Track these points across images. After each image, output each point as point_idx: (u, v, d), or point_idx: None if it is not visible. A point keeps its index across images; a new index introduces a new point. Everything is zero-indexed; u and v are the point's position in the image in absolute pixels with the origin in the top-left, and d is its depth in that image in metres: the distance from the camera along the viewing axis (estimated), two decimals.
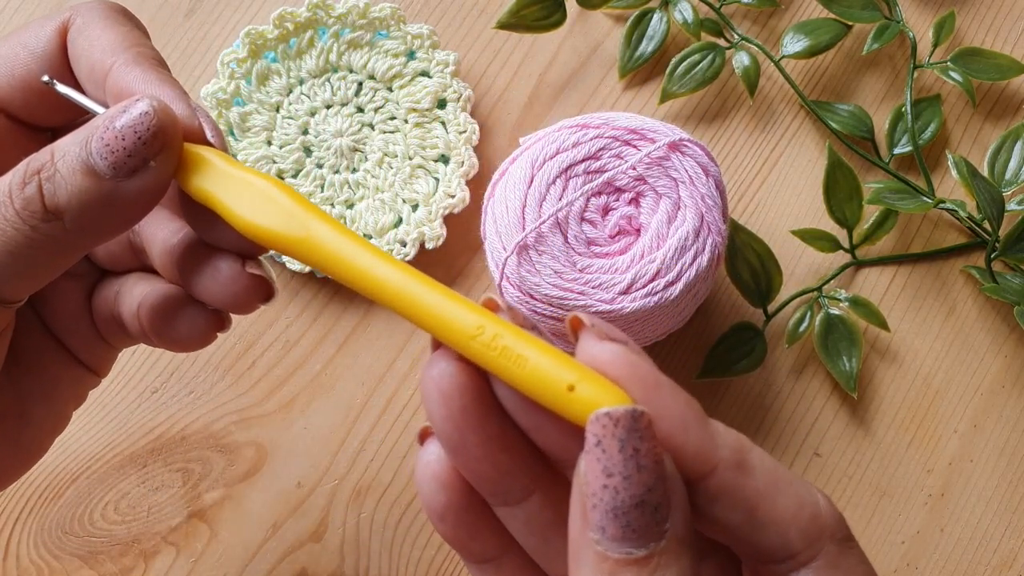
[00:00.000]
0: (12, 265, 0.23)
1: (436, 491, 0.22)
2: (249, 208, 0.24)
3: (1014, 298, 0.42)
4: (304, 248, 0.23)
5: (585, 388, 0.19)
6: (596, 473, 0.18)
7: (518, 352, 0.20)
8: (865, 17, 0.46)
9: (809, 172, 0.46)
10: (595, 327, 0.20)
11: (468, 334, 0.20)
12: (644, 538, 0.18)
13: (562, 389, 0.19)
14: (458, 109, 0.45)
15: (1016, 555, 0.43)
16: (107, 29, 0.26)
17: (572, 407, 0.19)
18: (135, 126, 0.23)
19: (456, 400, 0.21)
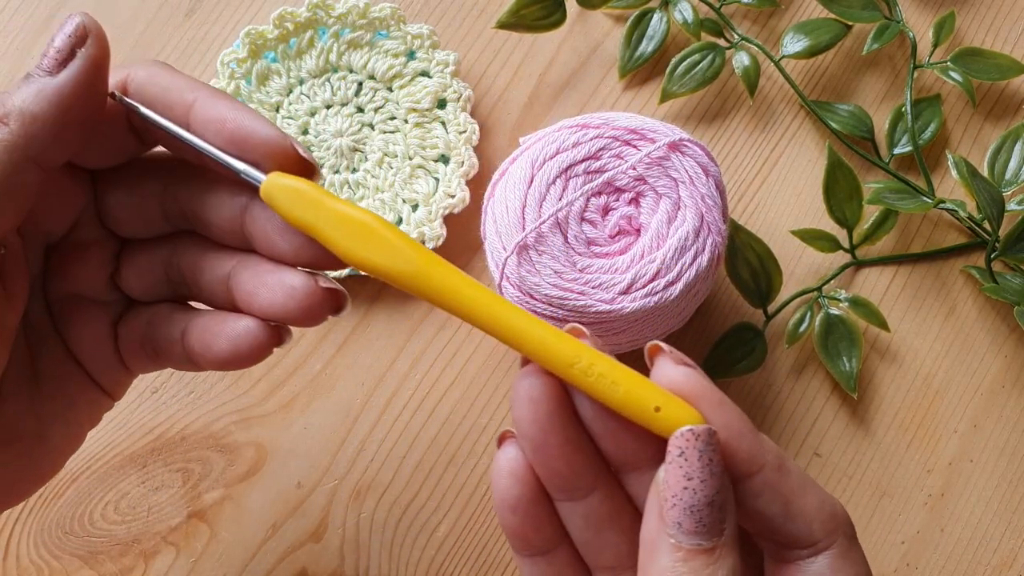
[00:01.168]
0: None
1: (512, 485, 0.26)
2: (353, 241, 0.27)
3: (1014, 298, 0.42)
4: (414, 281, 0.26)
5: (669, 409, 0.25)
6: (678, 478, 0.23)
7: (611, 379, 0.25)
8: (865, 17, 0.46)
9: (809, 172, 0.46)
10: (672, 353, 0.26)
11: (567, 362, 0.25)
12: (711, 532, 0.23)
13: (650, 409, 0.25)
14: (458, 109, 0.45)
15: (1016, 555, 0.43)
16: (176, 75, 0.28)
17: (657, 424, 0.25)
18: (71, 34, 0.27)
19: (542, 407, 0.25)
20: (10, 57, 0.46)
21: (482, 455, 0.43)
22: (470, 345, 0.44)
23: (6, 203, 0.26)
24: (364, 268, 0.27)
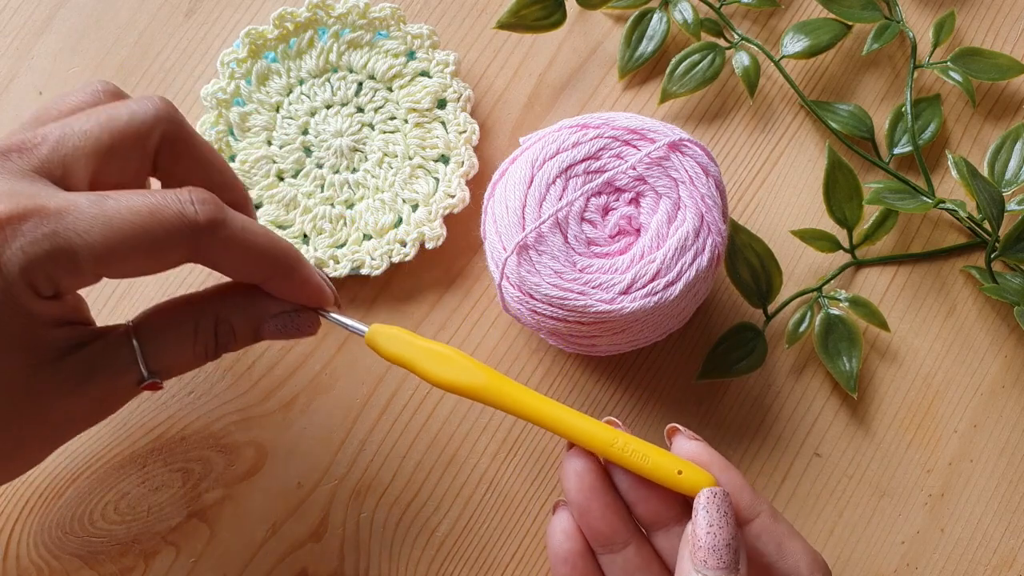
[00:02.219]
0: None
1: (563, 541, 0.34)
2: (438, 367, 0.35)
3: (1014, 298, 0.42)
4: (483, 393, 0.35)
5: (688, 472, 0.33)
6: (703, 526, 0.30)
7: (642, 453, 0.33)
8: (865, 17, 0.46)
9: (809, 172, 0.46)
10: (685, 432, 0.34)
11: (608, 443, 0.33)
12: (730, 568, 0.30)
13: (673, 473, 0.33)
14: (458, 109, 0.45)
15: (1016, 555, 0.43)
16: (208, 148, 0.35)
17: (680, 484, 0.33)
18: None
19: (586, 479, 0.33)
20: (10, 57, 0.46)
21: (482, 455, 0.43)
22: (470, 346, 0.44)
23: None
24: (447, 387, 0.35)
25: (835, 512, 0.43)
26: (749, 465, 0.43)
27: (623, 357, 0.44)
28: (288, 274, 0.33)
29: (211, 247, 0.31)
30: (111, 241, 0.29)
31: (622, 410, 0.44)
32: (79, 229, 0.28)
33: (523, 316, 0.40)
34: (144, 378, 0.32)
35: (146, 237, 0.29)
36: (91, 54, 0.47)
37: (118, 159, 0.31)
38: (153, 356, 0.32)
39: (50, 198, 0.29)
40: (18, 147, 0.30)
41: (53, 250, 0.28)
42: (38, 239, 0.28)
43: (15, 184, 0.29)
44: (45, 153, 0.30)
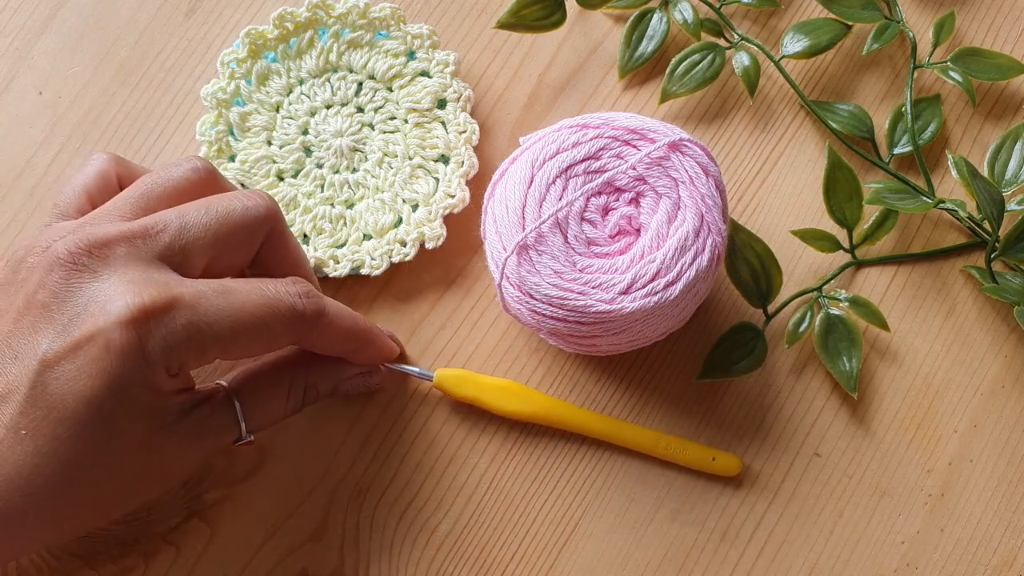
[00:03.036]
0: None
1: None
2: (503, 400, 0.42)
3: (1014, 298, 0.42)
4: (547, 417, 0.42)
5: (720, 458, 0.42)
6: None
7: (681, 448, 0.42)
8: (865, 17, 0.46)
9: (809, 172, 0.46)
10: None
11: (653, 443, 0.42)
12: None
13: (708, 460, 0.42)
14: (458, 109, 0.45)
15: (1016, 555, 0.43)
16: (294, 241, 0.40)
17: (715, 468, 0.42)
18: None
19: None
20: (10, 57, 0.47)
21: (482, 455, 0.43)
22: (470, 345, 0.44)
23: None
24: (513, 416, 0.42)
25: (835, 512, 0.43)
26: (749, 465, 0.43)
27: (623, 357, 0.44)
28: (367, 347, 0.39)
29: (311, 334, 0.36)
30: (235, 331, 0.33)
31: (622, 410, 0.44)
32: (209, 319, 0.32)
33: (523, 316, 0.40)
34: (242, 436, 0.36)
35: (264, 328, 0.34)
36: (91, 54, 0.47)
37: (230, 250, 0.35)
38: (251, 416, 0.36)
39: (183, 288, 0.32)
40: (143, 233, 0.33)
41: (188, 339, 0.32)
42: (177, 329, 0.32)
43: (150, 272, 0.32)
44: (167, 241, 0.33)
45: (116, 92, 0.46)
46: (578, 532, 0.43)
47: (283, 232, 0.37)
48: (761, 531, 0.43)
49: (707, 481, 0.43)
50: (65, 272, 0.32)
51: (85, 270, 0.32)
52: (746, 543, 0.43)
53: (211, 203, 0.35)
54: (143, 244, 0.33)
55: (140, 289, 0.31)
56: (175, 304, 0.32)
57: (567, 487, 0.43)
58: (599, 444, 0.43)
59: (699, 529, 0.43)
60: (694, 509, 0.43)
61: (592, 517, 0.43)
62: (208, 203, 0.35)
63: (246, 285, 0.34)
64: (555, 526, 0.43)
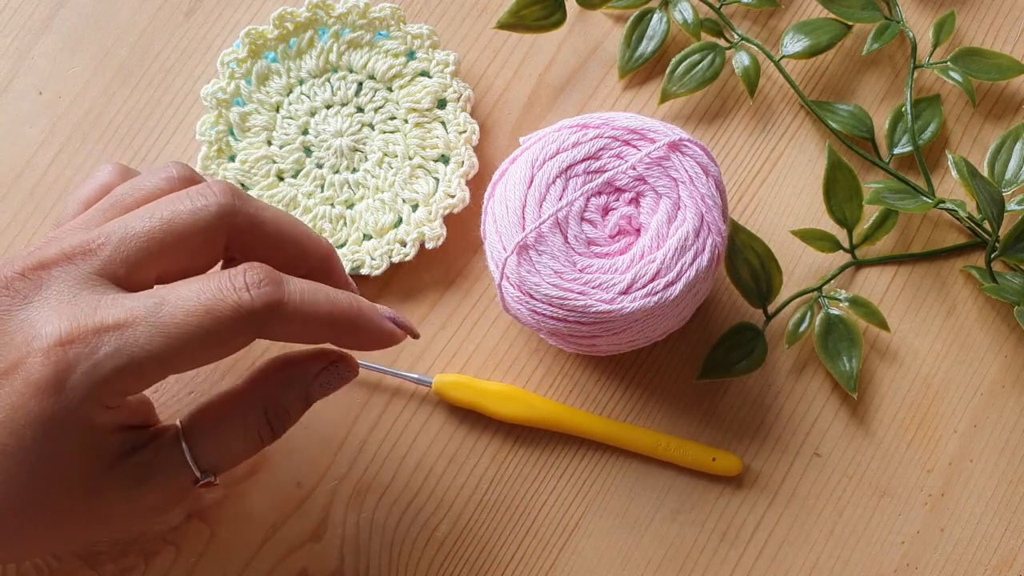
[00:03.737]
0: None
1: None
2: (503, 405, 0.42)
3: (1014, 298, 0.42)
4: (547, 421, 0.42)
5: (720, 459, 0.42)
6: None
7: (682, 449, 0.42)
8: (865, 17, 0.46)
9: (809, 172, 0.46)
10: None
11: (654, 445, 0.42)
12: None
13: (708, 460, 0.42)
14: (458, 109, 0.45)
15: (1016, 555, 0.43)
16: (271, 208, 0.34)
17: (716, 469, 0.42)
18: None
19: None
20: (10, 57, 0.47)
21: (482, 455, 0.43)
22: (470, 345, 0.44)
23: None
24: (513, 421, 0.42)
25: (835, 512, 0.43)
26: (749, 465, 0.43)
27: (623, 357, 0.44)
28: (353, 331, 0.33)
29: (271, 328, 0.31)
30: (173, 348, 0.29)
31: (622, 410, 0.44)
32: (140, 342, 0.29)
33: (523, 316, 0.40)
34: (199, 478, 0.33)
35: (206, 337, 0.30)
36: (91, 54, 0.47)
37: (183, 255, 0.32)
38: (204, 456, 0.33)
39: (110, 309, 0.29)
40: (82, 250, 0.31)
41: (117, 368, 0.29)
42: (100, 361, 0.29)
43: (77, 295, 0.30)
44: (107, 255, 0.31)
45: (116, 92, 0.46)
46: (578, 532, 0.43)
47: (255, 225, 0.33)
48: (761, 531, 0.43)
49: (707, 481, 0.43)
50: (0, 298, 0.30)
51: (17, 295, 0.30)
52: (746, 543, 0.43)
53: (156, 207, 0.32)
54: (82, 262, 0.30)
55: (63, 315, 0.29)
56: (100, 329, 0.29)
57: (567, 487, 0.43)
58: (599, 445, 0.43)
59: (699, 529, 0.43)
60: (694, 509, 0.43)
61: (592, 517, 0.43)
62: (154, 208, 0.32)
63: (184, 289, 0.30)
64: (555, 526, 0.43)
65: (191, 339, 0.29)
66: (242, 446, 0.34)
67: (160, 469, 0.32)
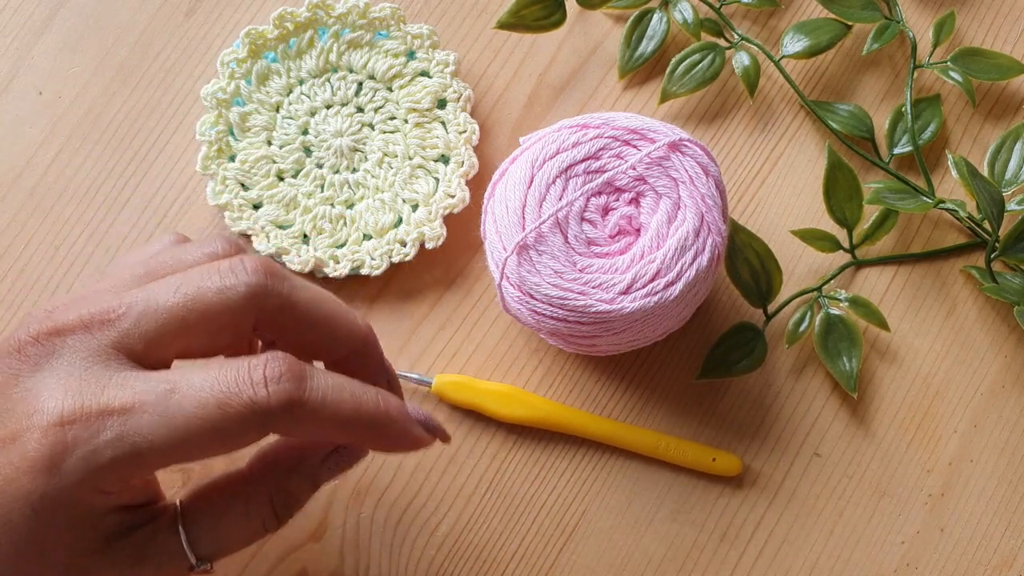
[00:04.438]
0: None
1: None
2: (502, 405, 0.42)
3: (1014, 298, 0.42)
4: (546, 421, 0.42)
5: (720, 459, 0.42)
6: None
7: (681, 449, 0.42)
8: (865, 17, 0.46)
9: (809, 172, 0.46)
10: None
11: (654, 445, 0.42)
12: None
13: (708, 461, 0.42)
14: (458, 109, 0.45)
15: (1016, 555, 0.43)
16: (308, 288, 0.32)
17: (716, 469, 0.42)
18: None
19: None
20: (10, 57, 0.47)
21: (482, 455, 0.43)
22: (470, 345, 0.44)
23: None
24: (513, 421, 0.42)
25: (835, 512, 0.43)
26: (749, 465, 0.43)
27: (623, 357, 0.44)
28: (376, 435, 0.31)
29: (288, 429, 0.29)
30: (178, 441, 0.28)
31: (622, 410, 0.44)
32: (144, 431, 0.27)
33: (523, 316, 0.40)
34: (194, 566, 0.31)
35: (215, 433, 0.28)
36: (91, 54, 0.47)
37: (206, 334, 0.30)
38: (202, 542, 0.31)
39: (118, 391, 0.28)
40: (101, 319, 0.29)
41: (116, 457, 0.27)
42: (100, 447, 0.27)
43: (88, 368, 0.28)
44: (126, 327, 0.29)
45: (116, 92, 0.46)
46: (578, 532, 0.43)
47: (289, 307, 0.30)
48: (761, 531, 0.43)
49: (707, 481, 0.43)
50: (12, 361, 0.29)
51: (27, 361, 0.29)
52: (746, 543, 0.43)
53: (184, 281, 0.30)
54: (99, 332, 0.29)
55: (69, 391, 0.28)
56: (104, 412, 0.27)
57: (567, 487, 0.43)
58: (599, 445, 0.43)
59: (699, 529, 0.43)
60: (694, 509, 0.43)
61: (592, 517, 0.43)
62: (180, 280, 0.30)
63: (198, 376, 0.28)
64: (555, 526, 0.43)
65: (198, 433, 0.28)
66: (243, 534, 0.32)
67: (155, 552, 0.30)
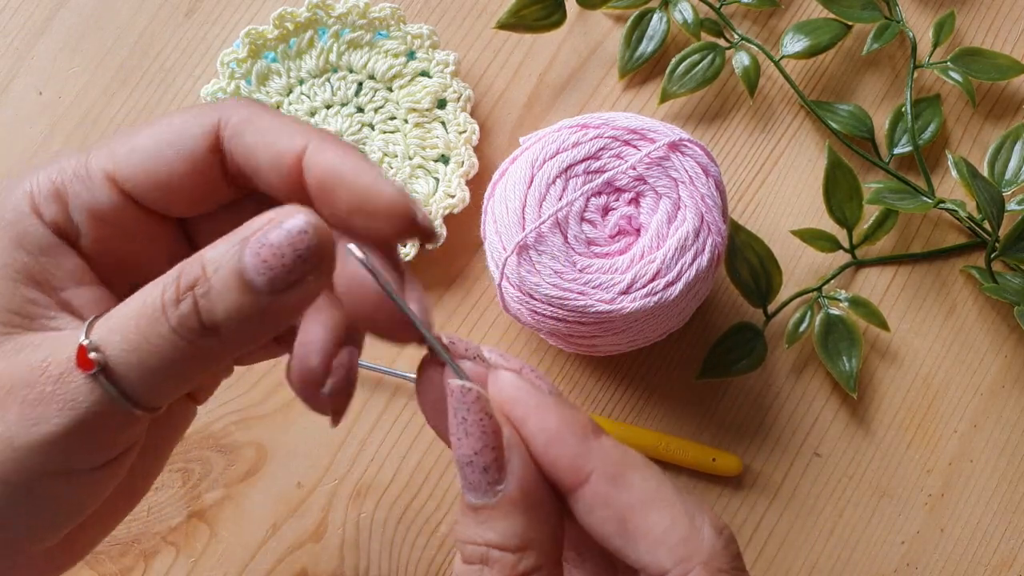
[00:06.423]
0: (162, 377, 0.23)
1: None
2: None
3: (1014, 298, 0.42)
4: None
5: (721, 459, 0.42)
6: (452, 430, 0.23)
7: (682, 449, 0.42)
8: (865, 17, 0.46)
9: (809, 172, 0.46)
10: (497, 361, 0.25)
11: (655, 445, 0.42)
12: (475, 490, 0.23)
13: (709, 461, 0.42)
14: (458, 109, 0.45)
15: (1016, 555, 0.43)
16: (278, 117, 0.25)
17: (717, 469, 0.42)
18: (294, 243, 0.22)
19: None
20: (10, 57, 0.46)
21: None
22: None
23: None
24: None
25: (835, 512, 0.43)
26: (749, 465, 0.43)
27: (623, 357, 0.44)
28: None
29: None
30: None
31: (622, 410, 0.44)
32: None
33: (523, 316, 0.40)
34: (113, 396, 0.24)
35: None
36: (91, 54, 0.47)
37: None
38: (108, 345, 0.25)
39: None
40: None
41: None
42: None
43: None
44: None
45: (116, 92, 0.46)
46: None
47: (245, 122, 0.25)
48: (761, 531, 0.43)
49: (708, 481, 0.43)
50: None
51: None
52: (746, 543, 0.43)
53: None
54: None
55: None
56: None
57: None
58: None
59: None
60: None
61: None
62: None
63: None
64: None
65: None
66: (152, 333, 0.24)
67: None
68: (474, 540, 0.23)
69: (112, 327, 0.23)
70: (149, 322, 0.23)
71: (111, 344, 0.23)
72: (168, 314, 0.23)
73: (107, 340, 0.23)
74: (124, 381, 0.23)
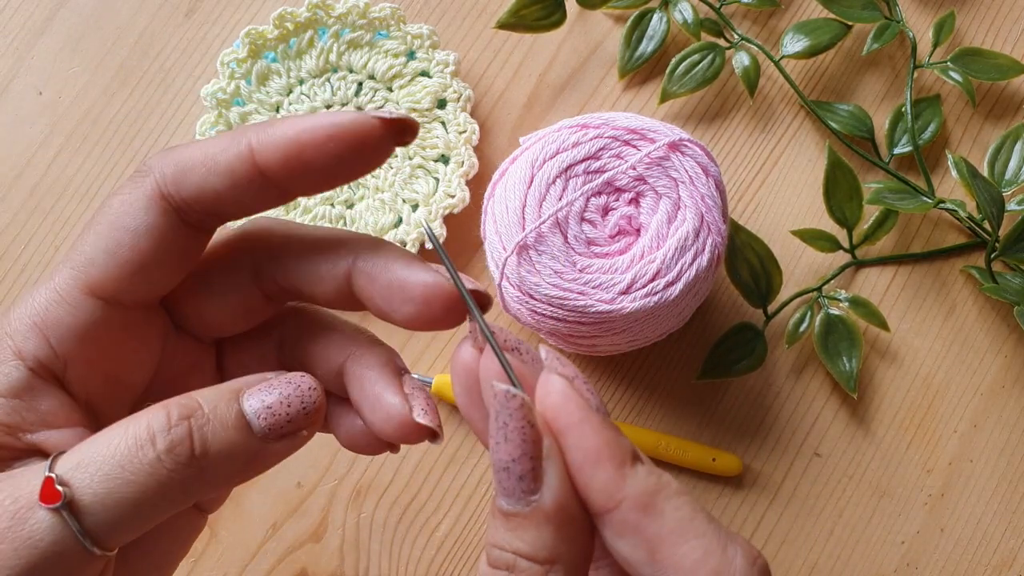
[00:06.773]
0: (131, 510, 0.23)
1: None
2: None
3: (1014, 298, 0.42)
4: None
5: (721, 459, 0.42)
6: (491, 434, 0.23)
7: (682, 449, 0.42)
8: (865, 17, 0.46)
9: (809, 172, 0.46)
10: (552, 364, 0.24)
11: (655, 445, 0.42)
12: (510, 496, 0.22)
13: (708, 461, 0.42)
14: (458, 109, 0.45)
15: (1016, 555, 0.43)
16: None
17: (716, 469, 0.42)
18: (303, 396, 0.24)
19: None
20: (10, 57, 0.46)
21: (482, 455, 0.43)
22: None
23: None
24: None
25: (835, 512, 0.43)
26: (749, 465, 0.43)
27: (623, 357, 0.44)
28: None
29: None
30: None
31: (622, 410, 0.44)
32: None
33: (523, 316, 0.40)
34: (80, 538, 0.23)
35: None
36: (91, 54, 0.47)
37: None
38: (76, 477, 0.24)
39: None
40: None
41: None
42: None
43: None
44: None
45: (116, 92, 0.46)
46: None
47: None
48: (761, 531, 0.43)
49: (708, 481, 0.43)
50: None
51: None
52: None
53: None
54: None
55: None
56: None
57: None
58: None
59: None
60: None
61: None
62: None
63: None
64: None
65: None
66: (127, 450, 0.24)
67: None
68: (502, 546, 0.23)
69: (83, 459, 0.23)
70: (131, 449, 0.22)
71: (78, 478, 0.22)
72: (157, 440, 0.23)
73: (74, 473, 0.22)
74: (88, 516, 0.22)
